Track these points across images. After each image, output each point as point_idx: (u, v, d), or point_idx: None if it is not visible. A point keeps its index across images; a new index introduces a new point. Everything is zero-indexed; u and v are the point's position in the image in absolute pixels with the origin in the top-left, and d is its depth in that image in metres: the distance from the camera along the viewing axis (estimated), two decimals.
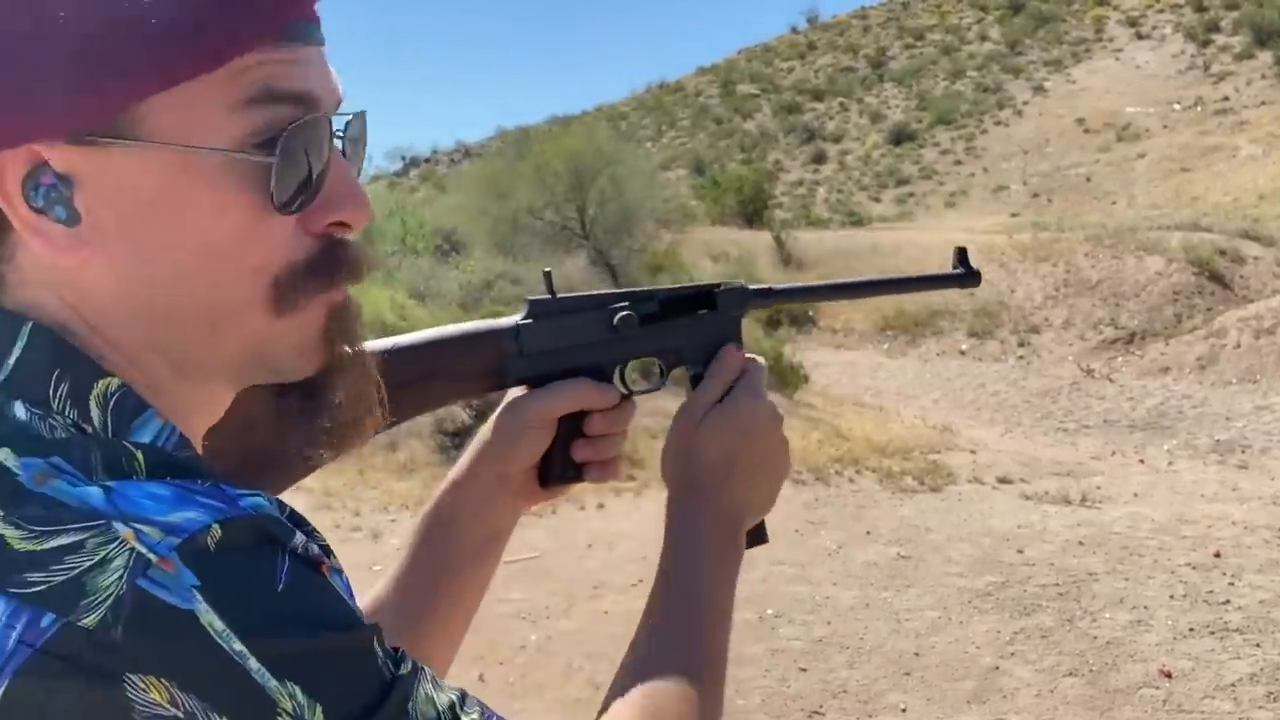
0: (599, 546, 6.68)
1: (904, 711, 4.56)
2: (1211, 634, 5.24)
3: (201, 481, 0.52)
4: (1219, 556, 6.40)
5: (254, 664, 0.47)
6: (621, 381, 0.94)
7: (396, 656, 0.55)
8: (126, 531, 0.48)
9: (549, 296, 0.92)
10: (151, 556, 0.47)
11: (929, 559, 6.49)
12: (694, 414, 0.91)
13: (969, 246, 1.10)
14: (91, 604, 0.46)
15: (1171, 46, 53.01)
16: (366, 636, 0.53)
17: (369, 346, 0.69)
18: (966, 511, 7.62)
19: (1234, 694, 4.63)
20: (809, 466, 8.49)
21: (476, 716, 0.57)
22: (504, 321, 0.90)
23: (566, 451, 0.93)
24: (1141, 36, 56.50)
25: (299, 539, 0.52)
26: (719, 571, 0.84)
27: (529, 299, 0.91)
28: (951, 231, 26.08)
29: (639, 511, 6.83)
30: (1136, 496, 8.23)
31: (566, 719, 4.47)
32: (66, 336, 0.56)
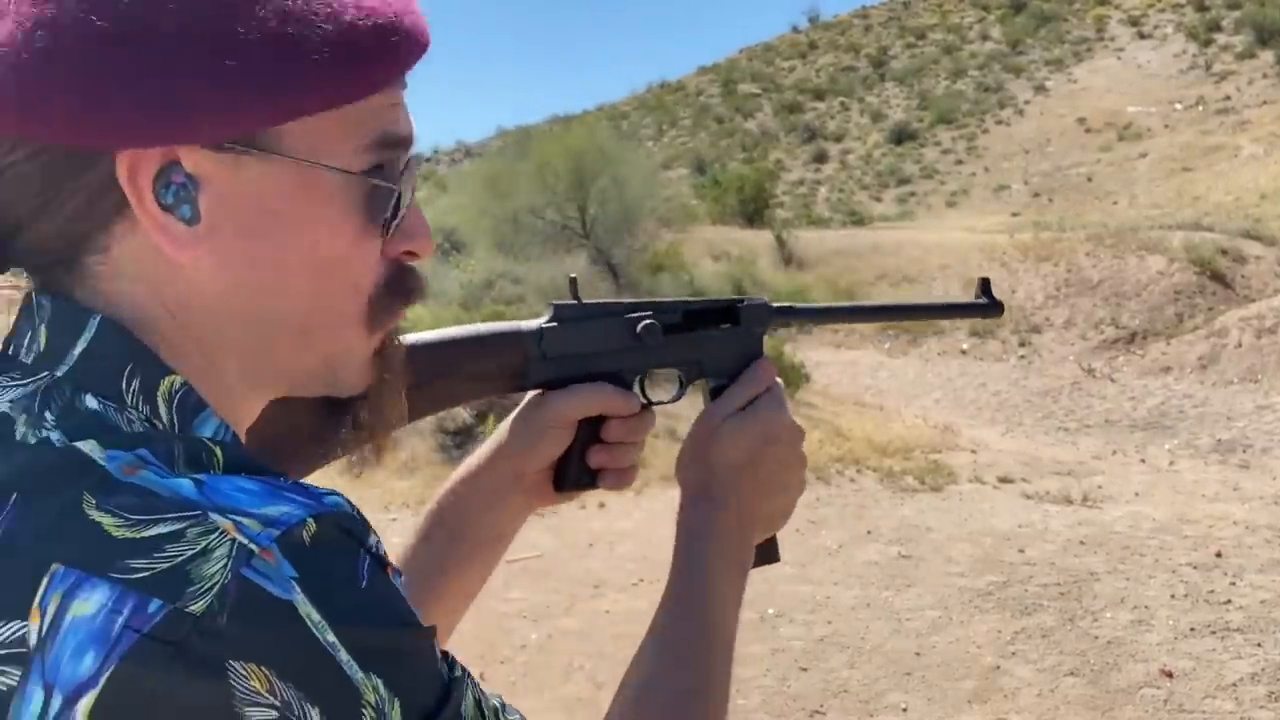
0: (600, 546, 6.68)
1: (905, 711, 4.55)
2: (1213, 634, 5.24)
3: (277, 478, 0.54)
4: (1220, 556, 6.40)
5: (344, 655, 0.49)
6: (641, 390, 0.95)
7: (449, 659, 0.57)
8: (226, 523, 0.49)
9: (574, 301, 0.92)
10: (253, 547, 0.48)
11: (930, 558, 6.49)
12: (717, 418, 0.92)
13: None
14: (198, 591, 0.47)
15: (1173, 46, 52.97)
16: (429, 636, 0.55)
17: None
18: (967, 511, 7.62)
19: (1235, 694, 4.62)
20: (810, 466, 8.38)
21: None
22: (528, 324, 0.90)
23: (583, 456, 0.93)
24: (1143, 36, 56.46)
25: (373, 538, 0.54)
26: (726, 583, 0.85)
27: (553, 303, 0.91)
28: (953, 231, 26.06)
29: (640, 511, 6.83)
30: (1138, 496, 8.22)
31: (567, 718, 4.46)
32: (136, 332, 0.57)
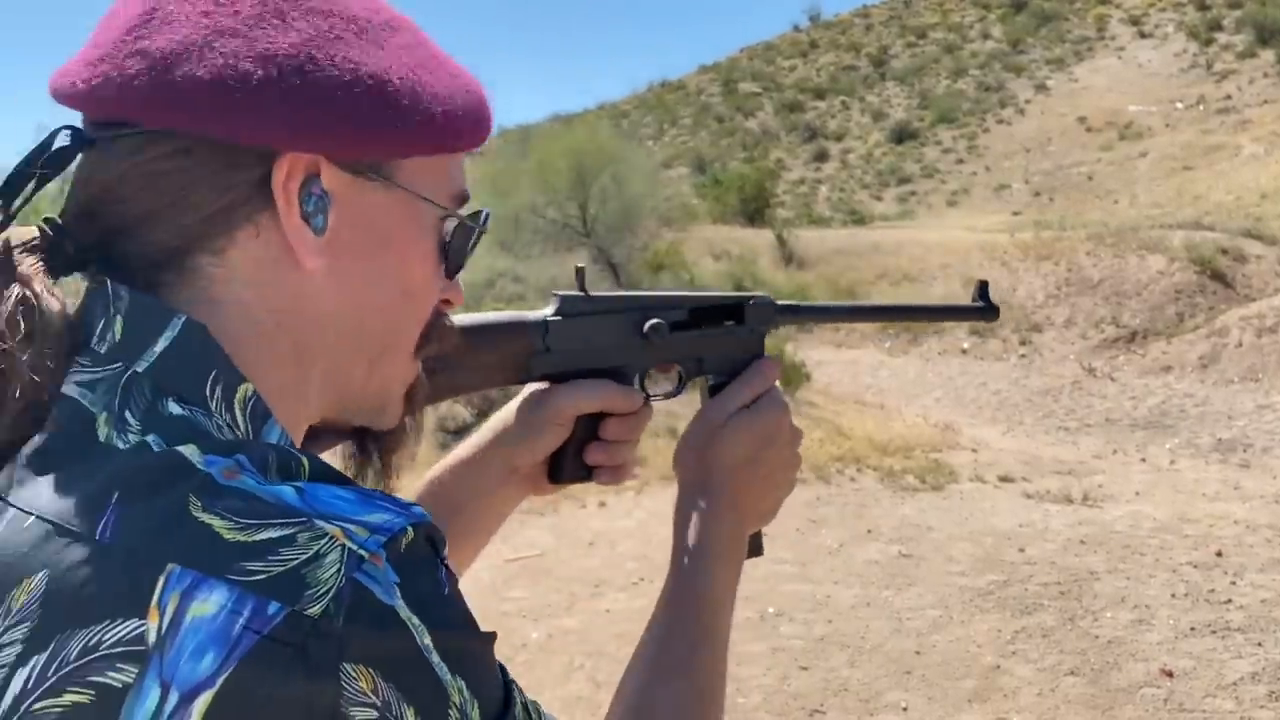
0: (600, 545, 6.68)
1: (905, 710, 4.55)
2: (1213, 633, 5.24)
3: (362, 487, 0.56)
4: (1221, 555, 6.40)
5: (436, 658, 0.51)
6: (641, 386, 0.95)
7: (501, 665, 0.59)
8: (334, 529, 0.50)
9: (580, 293, 0.91)
10: (363, 553, 0.50)
11: (930, 558, 6.49)
12: (718, 415, 0.92)
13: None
14: (314, 595, 0.49)
15: (1174, 45, 52.93)
16: (492, 641, 0.57)
17: None
18: (968, 510, 7.61)
19: (1235, 693, 4.62)
20: (810, 465, 8.49)
21: None
22: (533, 315, 0.90)
23: (580, 451, 0.93)
24: (1144, 35, 56.41)
25: (445, 549, 0.57)
26: (723, 579, 0.87)
27: (559, 294, 0.91)
28: (953, 230, 26.05)
29: (640, 510, 6.83)
30: (1138, 495, 8.22)
31: (568, 717, 4.47)
32: (228, 336, 0.60)
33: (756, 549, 0.95)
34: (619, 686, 0.80)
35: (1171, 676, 4.79)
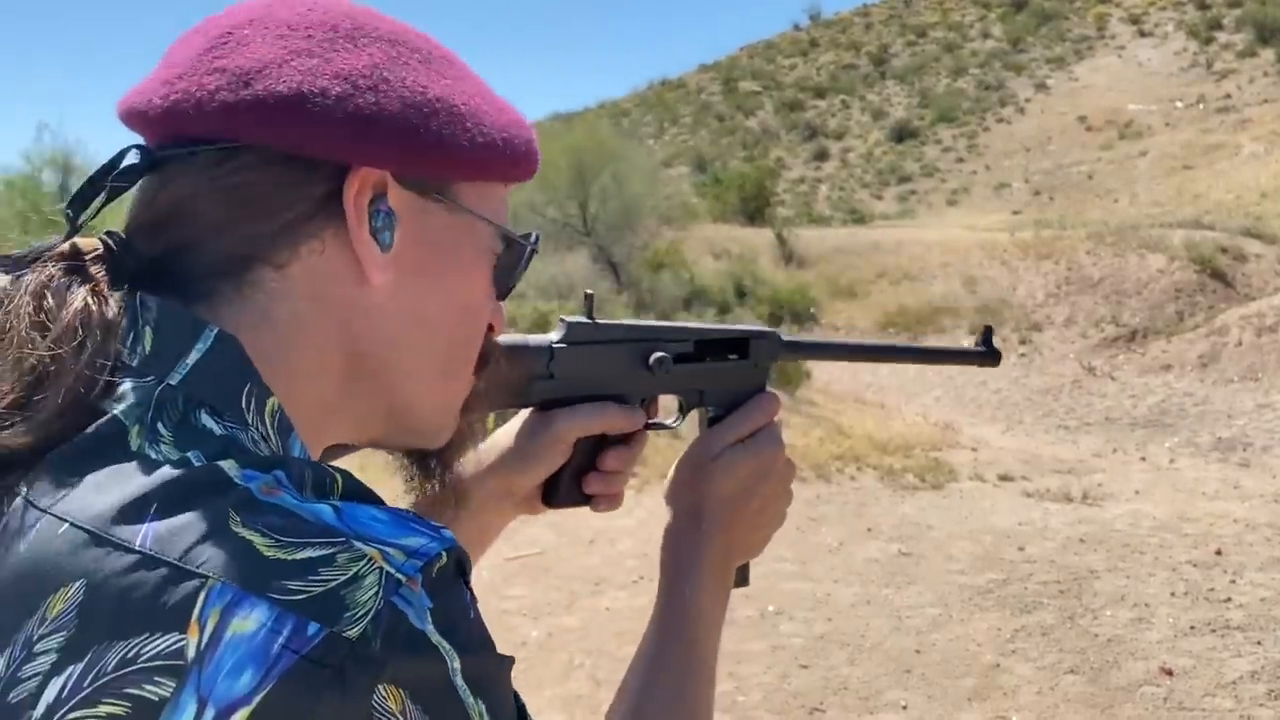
0: (601, 543, 6.69)
1: (905, 708, 4.56)
2: (1213, 631, 5.24)
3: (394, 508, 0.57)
4: (1220, 554, 6.41)
5: (461, 681, 0.52)
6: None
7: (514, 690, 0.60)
8: (373, 551, 0.51)
9: (587, 320, 0.91)
10: (400, 577, 0.50)
11: (930, 556, 6.50)
12: (715, 446, 0.93)
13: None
14: (354, 617, 0.49)
15: (1174, 44, 52.95)
16: (510, 666, 0.57)
17: None
18: (968, 509, 7.62)
19: (1235, 691, 4.63)
20: (810, 463, 8.50)
21: None
22: (537, 339, 0.89)
23: (577, 475, 0.93)
24: (1144, 34, 56.43)
25: (471, 573, 0.57)
26: (711, 610, 0.89)
27: (566, 320, 0.90)
28: (953, 229, 26.06)
29: (640, 508, 6.83)
30: (1138, 494, 8.23)
31: (567, 715, 4.47)
32: (268, 348, 0.61)
33: (742, 579, 0.97)
34: (610, 709, 0.83)
35: (1171, 675, 4.79)
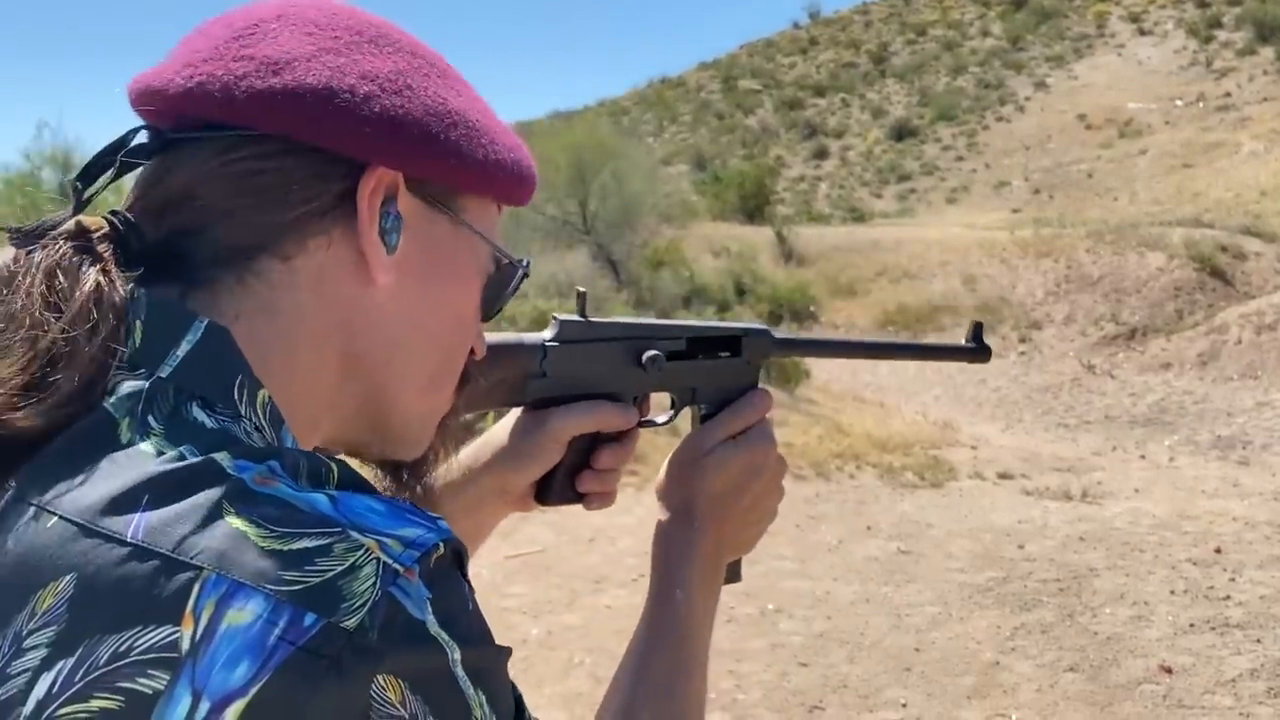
0: (601, 541, 6.69)
1: (904, 706, 4.56)
2: (1212, 629, 5.24)
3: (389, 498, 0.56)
4: (1220, 552, 6.41)
5: (461, 672, 0.51)
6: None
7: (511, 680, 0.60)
8: (370, 541, 0.50)
9: (580, 318, 0.91)
10: (398, 567, 0.50)
11: (929, 554, 6.50)
12: (706, 443, 0.93)
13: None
14: (351, 607, 0.48)
15: (1174, 42, 52.92)
16: (508, 657, 0.57)
17: None
18: (967, 507, 7.63)
19: (1234, 689, 4.63)
20: (810, 462, 8.50)
21: None
22: (530, 338, 0.89)
23: (571, 474, 0.93)
24: (1144, 32, 56.39)
25: (469, 564, 0.57)
26: (702, 606, 0.89)
27: (559, 318, 0.90)
28: (953, 227, 26.06)
29: (641, 506, 6.83)
30: (1137, 492, 8.23)
31: (567, 713, 4.47)
32: (265, 340, 0.60)
33: (734, 576, 0.97)
34: (601, 707, 0.82)
35: (1170, 673, 4.79)
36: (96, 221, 0.60)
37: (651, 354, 0.92)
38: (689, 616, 0.87)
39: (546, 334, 0.90)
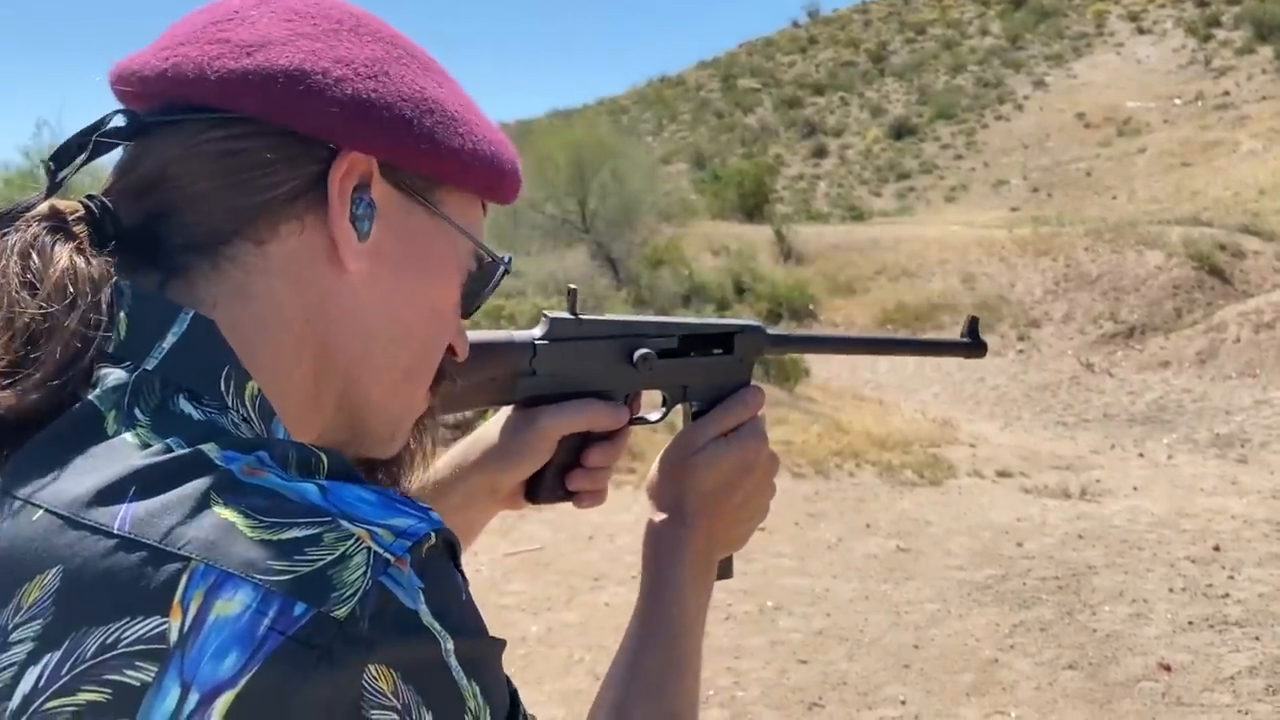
0: (600, 538, 6.70)
1: (903, 704, 4.56)
2: (1211, 627, 5.25)
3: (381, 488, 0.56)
4: (1218, 550, 6.42)
5: (454, 662, 0.51)
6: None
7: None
8: (360, 530, 0.50)
9: (570, 316, 0.90)
10: (389, 556, 0.49)
11: (928, 552, 6.50)
12: (697, 440, 0.93)
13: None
14: (341, 597, 0.48)
15: (1172, 41, 52.89)
16: (502, 649, 0.57)
17: None
18: (966, 505, 7.63)
19: (1233, 687, 4.63)
20: (809, 460, 8.50)
21: None
22: (521, 336, 0.88)
23: (561, 472, 0.93)
24: (1143, 31, 56.36)
25: (461, 555, 0.57)
26: (694, 603, 0.89)
27: (549, 315, 0.90)
28: (952, 226, 26.05)
29: (639, 504, 6.83)
30: (1136, 490, 8.23)
31: (567, 710, 4.47)
32: (246, 329, 0.60)
33: (726, 572, 0.97)
34: (594, 705, 0.82)
35: (1169, 670, 4.80)
36: (71, 205, 0.60)
37: (643, 352, 0.91)
38: (681, 614, 0.87)
39: (537, 332, 0.89)
